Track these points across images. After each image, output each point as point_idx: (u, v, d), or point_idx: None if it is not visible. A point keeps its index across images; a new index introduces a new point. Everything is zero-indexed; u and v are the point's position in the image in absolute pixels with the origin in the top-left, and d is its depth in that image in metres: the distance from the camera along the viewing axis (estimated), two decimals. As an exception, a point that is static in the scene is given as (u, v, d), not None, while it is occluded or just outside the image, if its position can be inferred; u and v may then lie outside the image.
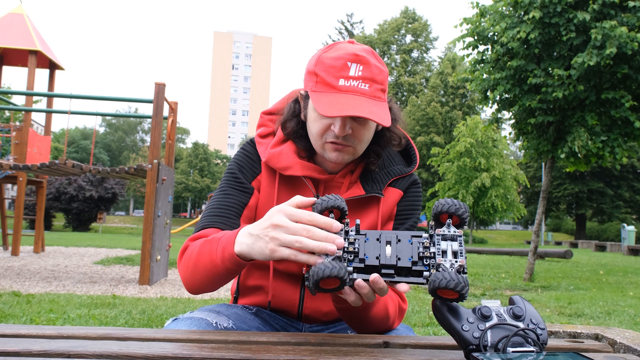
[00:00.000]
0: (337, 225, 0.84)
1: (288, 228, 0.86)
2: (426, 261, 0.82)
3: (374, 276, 0.82)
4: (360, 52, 1.09)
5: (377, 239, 0.84)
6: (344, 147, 1.14)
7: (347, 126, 1.10)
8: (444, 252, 0.81)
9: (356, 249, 0.83)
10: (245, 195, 1.22)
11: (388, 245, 0.84)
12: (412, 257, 0.83)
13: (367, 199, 1.21)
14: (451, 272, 0.77)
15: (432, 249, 0.82)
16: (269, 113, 1.33)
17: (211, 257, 1.01)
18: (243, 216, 1.20)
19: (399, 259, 0.83)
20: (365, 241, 0.84)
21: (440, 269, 0.79)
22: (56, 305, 4.62)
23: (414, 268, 0.82)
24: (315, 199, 0.90)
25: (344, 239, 0.84)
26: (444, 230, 0.82)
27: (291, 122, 1.23)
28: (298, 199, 0.91)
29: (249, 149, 1.28)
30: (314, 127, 1.15)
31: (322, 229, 0.84)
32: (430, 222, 0.85)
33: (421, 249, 0.83)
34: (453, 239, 0.82)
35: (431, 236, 0.83)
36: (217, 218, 1.17)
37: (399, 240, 0.84)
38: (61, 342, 0.81)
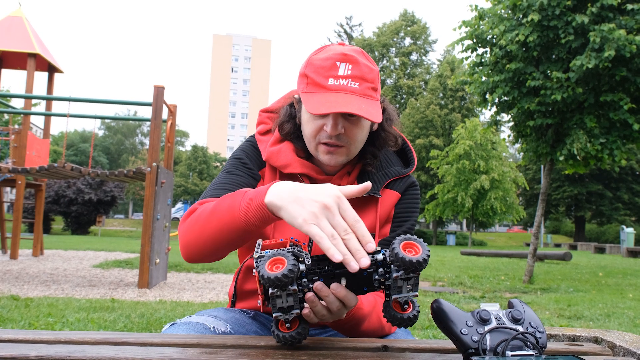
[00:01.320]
0: (371, 245, 0.82)
1: (334, 218, 0.83)
2: (380, 287, 0.85)
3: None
4: (349, 52, 1.10)
5: (332, 277, 0.84)
6: (337, 149, 1.14)
7: (339, 125, 1.11)
8: (400, 287, 0.83)
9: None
10: (252, 179, 1.22)
11: (343, 280, 0.84)
12: (366, 288, 0.85)
13: (364, 200, 1.21)
14: (398, 315, 0.86)
15: (388, 282, 0.84)
16: (267, 111, 1.33)
17: (232, 208, 0.96)
18: None
19: (354, 290, 0.86)
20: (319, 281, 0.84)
21: (391, 308, 0.86)
22: (55, 309, 4.61)
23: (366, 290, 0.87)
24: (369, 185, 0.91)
25: (296, 285, 0.82)
26: (401, 275, 0.81)
27: (288, 123, 1.24)
28: (354, 188, 0.89)
29: (255, 143, 1.29)
30: (307, 128, 1.16)
31: (357, 237, 0.83)
32: (387, 258, 0.83)
33: (376, 284, 0.84)
34: (410, 277, 0.83)
35: (387, 272, 0.83)
36: (225, 191, 1.13)
37: (353, 275, 0.84)
38: (59, 347, 0.80)
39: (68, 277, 7.57)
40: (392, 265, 0.82)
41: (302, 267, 0.81)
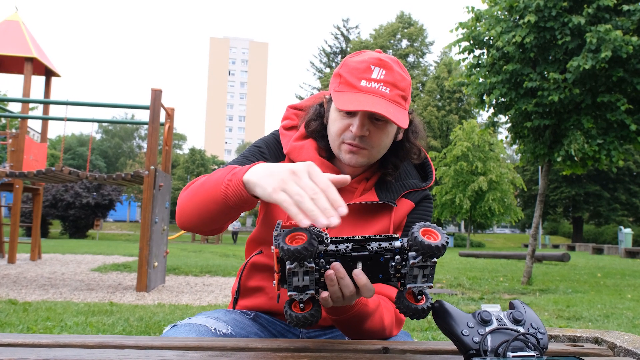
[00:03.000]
0: (342, 209, 0.79)
1: (300, 180, 0.83)
2: (395, 275, 0.85)
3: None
4: (385, 58, 1.14)
5: (349, 260, 0.84)
6: (359, 150, 1.16)
7: (365, 127, 1.13)
8: (415, 277, 0.84)
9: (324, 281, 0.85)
10: None
11: (359, 264, 0.84)
12: (382, 275, 0.86)
13: (379, 207, 1.22)
14: (412, 305, 0.86)
15: (404, 270, 0.84)
16: (295, 108, 1.36)
17: (217, 182, 0.98)
18: None
19: (369, 277, 0.86)
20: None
21: (405, 299, 0.87)
22: (53, 313, 4.60)
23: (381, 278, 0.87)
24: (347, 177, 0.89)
25: (314, 264, 0.82)
26: (419, 261, 0.82)
27: (315, 122, 1.26)
28: (331, 175, 0.88)
29: (278, 136, 1.31)
30: (333, 126, 1.18)
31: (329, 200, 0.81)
32: (405, 245, 0.83)
33: (392, 271, 0.85)
34: (426, 266, 0.83)
35: (404, 259, 0.84)
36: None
37: (370, 260, 0.84)
38: (58, 351, 0.80)
39: (66, 281, 7.55)
40: (409, 253, 0.83)
41: (320, 247, 0.82)
